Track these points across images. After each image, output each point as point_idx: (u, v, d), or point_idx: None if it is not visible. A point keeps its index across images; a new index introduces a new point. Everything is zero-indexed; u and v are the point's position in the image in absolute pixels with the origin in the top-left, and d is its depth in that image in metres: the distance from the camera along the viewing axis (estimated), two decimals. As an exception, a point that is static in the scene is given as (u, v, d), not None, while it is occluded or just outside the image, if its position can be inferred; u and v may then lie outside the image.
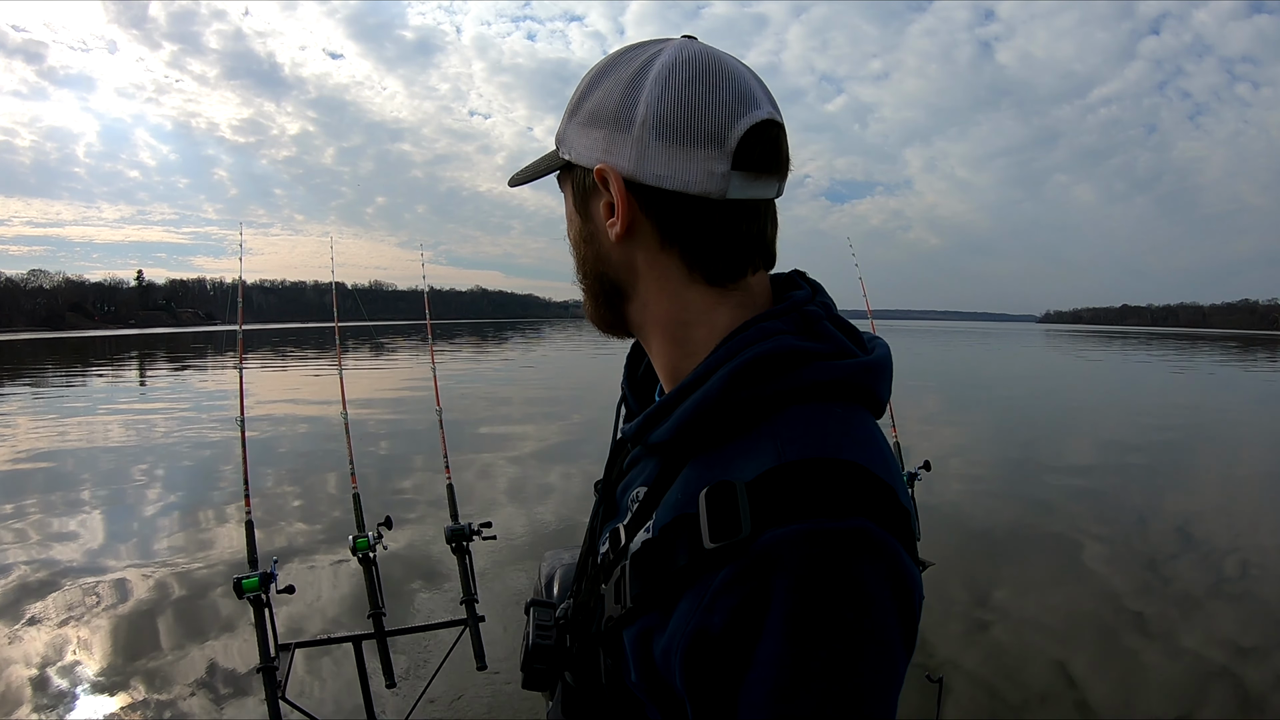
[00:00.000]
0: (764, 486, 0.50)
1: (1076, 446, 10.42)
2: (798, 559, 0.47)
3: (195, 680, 3.53)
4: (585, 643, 0.66)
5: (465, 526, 2.56)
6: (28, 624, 4.19)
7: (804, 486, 0.49)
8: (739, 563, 0.48)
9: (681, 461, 0.59)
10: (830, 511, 0.48)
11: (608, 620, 0.59)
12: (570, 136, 0.63)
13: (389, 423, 10.93)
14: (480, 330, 67.24)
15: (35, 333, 79.76)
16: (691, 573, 0.51)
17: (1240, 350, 47.14)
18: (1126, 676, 3.64)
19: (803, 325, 0.59)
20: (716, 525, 0.50)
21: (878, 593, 0.47)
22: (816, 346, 0.57)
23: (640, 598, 0.56)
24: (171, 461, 8.72)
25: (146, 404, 15.33)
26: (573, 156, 0.62)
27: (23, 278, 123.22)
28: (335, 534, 5.49)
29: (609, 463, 0.74)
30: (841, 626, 0.46)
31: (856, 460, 0.51)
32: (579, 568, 0.74)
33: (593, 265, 0.65)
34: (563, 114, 0.64)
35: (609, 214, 0.60)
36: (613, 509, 0.70)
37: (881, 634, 0.47)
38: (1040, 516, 6.55)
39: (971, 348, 43.57)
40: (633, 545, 0.59)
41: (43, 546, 5.59)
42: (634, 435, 0.64)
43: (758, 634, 0.47)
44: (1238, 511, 7.06)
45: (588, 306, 0.68)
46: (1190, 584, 4.95)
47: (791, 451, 0.51)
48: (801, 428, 0.53)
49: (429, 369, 3.42)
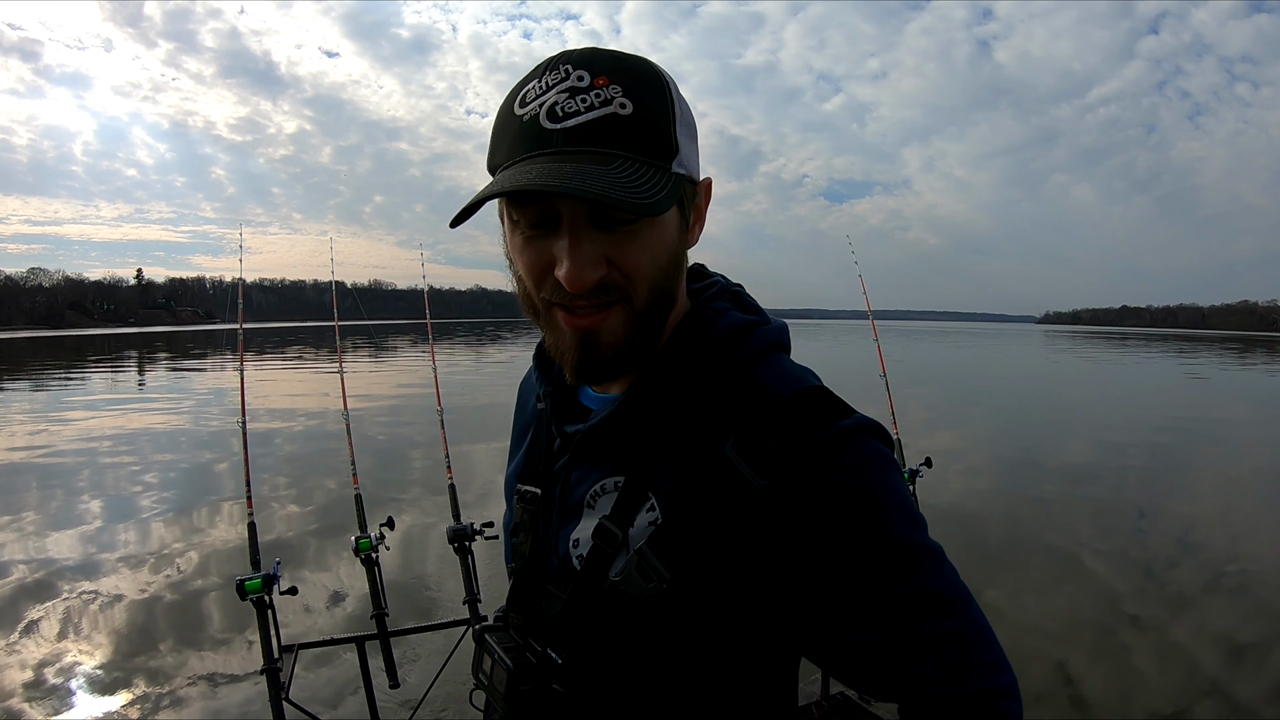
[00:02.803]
0: (779, 419, 0.61)
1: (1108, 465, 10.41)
2: (845, 448, 0.60)
3: (198, 682, 3.54)
4: (594, 639, 0.64)
5: (467, 527, 2.57)
6: (25, 625, 4.19)
7: (814, 406, 0.63)
8: (802, 477, 0.59)
9: (661, 445, 0.64)
10: (841, 413, 0.63)
11: (645, 599, 0.61)
12: (685, 150, 0.61)
13: (390, 423, 10.93)
14: (480, 330, 67.18)
15: (35, 331, 79.71)
16: (748, 514, 0.59)
17: (1246, 352, 47.07)
18: (1123, 675, 3.64)
19: (738, 303, 0.71)
20: (758, 466, 0.59)
21: (886, 448, 0.64)
22: (755, 318, 0.69)
23: (693, 560, 0.60)
24: (171, 461, 8.71)
25: (146, 404, 15.32)
26: (688, 171, 0.62)
27: (22, 276, 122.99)
28: (337, 534, 5.49)
29: (543, 468, 0.73)
30: (896, 476, 0.63)
31: (821, 385, 0.66)
32: (522, 576, 0.72)
33: (675, 287, 0.65)
34: (667, 135, 0.59)
35: (683, 223, 0.64)
36: (559, 510, 0.70)
37: (899, 468, 0.64)
38: (1038, 518, 6.55)
39: (970, 350, 43.52)
40: (633, 533, 0.63)
41: (41, 547, 5.59)
42: (605, 424, 0.66)
43: (860, 501, 0.59)
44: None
45: (631, 339, 0.62)
46: (1186, 584, 4.96)
47: (784, 388, 0.64)
48: (778, 373, 0.66)
49: (429, 368, 3.42)
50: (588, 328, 0.61)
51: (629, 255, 0.59)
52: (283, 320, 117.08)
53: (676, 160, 0.59)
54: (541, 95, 0.58)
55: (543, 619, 0.69)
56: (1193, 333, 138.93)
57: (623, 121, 0.57)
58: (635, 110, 0.57)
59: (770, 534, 0.59)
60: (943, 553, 0.62)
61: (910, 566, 0.60)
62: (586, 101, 0.57)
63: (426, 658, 3.50)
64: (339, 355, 3.51)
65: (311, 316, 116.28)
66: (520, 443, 0.83)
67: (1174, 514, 6.93)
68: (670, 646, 0.62)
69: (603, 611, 0.64)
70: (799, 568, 0.60)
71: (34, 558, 5.31)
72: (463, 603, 2.54)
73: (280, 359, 26.45)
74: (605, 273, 0.59)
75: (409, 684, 2.94)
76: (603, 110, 0.56)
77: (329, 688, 3.37)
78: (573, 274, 0.57)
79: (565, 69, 0.58)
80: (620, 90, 0.57)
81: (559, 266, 0.58)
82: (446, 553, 2.71)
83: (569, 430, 0.70)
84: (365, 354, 27.13)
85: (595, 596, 0.64)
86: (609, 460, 0.67)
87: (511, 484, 0.80)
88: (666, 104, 0.59)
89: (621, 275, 0.59)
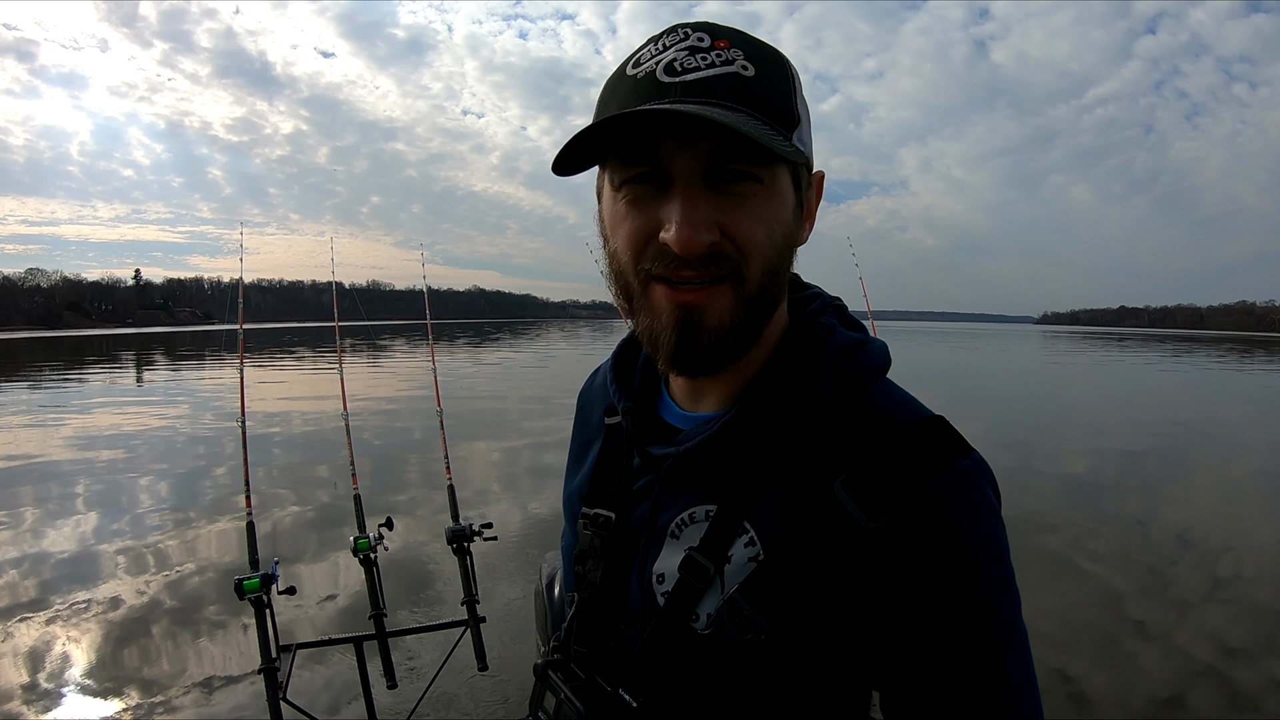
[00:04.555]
0: (895, 455, 0.56)
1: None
2: (962, 493, 0.56)
3: (196, 681, 3.53)
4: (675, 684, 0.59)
5: (466, 527, 2.56)
6: (20, 624, 4.18)
7: (933, 441, 0.57)
8: (912, 520, 0.54)
9: (761, 470, 0.59)
10: (960, 451, 0.57)
11: (739, 651, 0.56)
12: (806, 134, 0.58)
13: (389, 423, 10.92)
14: (480, 330, 67.18)
15: (33, 331, 79.56)
16: (859, 558, 0.55)
17: (1246, 354, 47.14)
18: (1122, 675, 3.64)
19: (843, 320, 0.66)
20: (870, 507, 0.55)
21: (997, 501, 0.59)
22: (861, 336, 0.64)
23: (793, 608, 0.56)
24: (170, 462, 8.68)
25: (144, 404, 15.29)
26: (807, 151, 0.58)
27: (20, 276, 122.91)
28: (336, 535, 5.48)
29: (619, 491, 0.66)
30: (1003, 534, 0.57)
31: (939, 414, 0.60)
32: (589, 608, 0.66)
33: (787, 271, 0.60)
34: (790, 105, 0.56)
35: (798, 207, 0.59)
36: (643, 538, 0.64)
37: (1004, 528, 0.58)
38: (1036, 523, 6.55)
39: (969, 351, 43.59)
40: (730, 569, 0.58)
41: (39, 547, 5.56)
42: (707, 446, 0.60)
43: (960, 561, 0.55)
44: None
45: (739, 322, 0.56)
46: (1187, 587, 4.96)
47: (903, 418, 0.59)
48: (892, 400, 0.61)
49: (429, 368, 3.42)
50: (692, 304, 0.55)
51: (743, 224, 0.54)
52: (281, 321, 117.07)
53: (797, 134, 0.56)
54: (658, 55, 0.54)
55: (613, 656, 0.63)
56: (1191, 333, 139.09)
57: (745, 81, 0.53)
58: (758, 74, 0.54)
59: (875, 579, 0.55)
60: (1027, 638, 0.58)
61: (993, 641, 0.55)
62: (707, 60, 0.53)
63: (425, 658, 3.50)
64: (339, 355, 3.50)
65: (310, 317, 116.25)
66: (582, 458, 0.76)
67: (1172, 510, 6.94)
68: (758, 697, 0.57)
69: (687, 657, 0.58)
70: (893, 614, 0.55)
71: (30, 559, 5.29)
72: (461, 603, 2.53)
73: (279, 360, 26.42)
74: (718, 240, 0.54)
75: (407, 684, 2.93)
76: (724, 69, 0.53)
77: (327, 688, 3.36)
78: (684, 234, 0.52)
79: (685, 31, 0.55)
80: (742, 54, 0.54)
81: (666, 229, 0.53)
82: (445, 553, 2.70)
83: (656, 452, 0.63)
84: (364, 355, 27.12)
85: (679, 639, 0.59)
86: (698, 487, 0.61)
87: (574, 504, 0.73)
88: (789, 77, 0.57)
89: (734, 247, 0.54)
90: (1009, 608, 0.56)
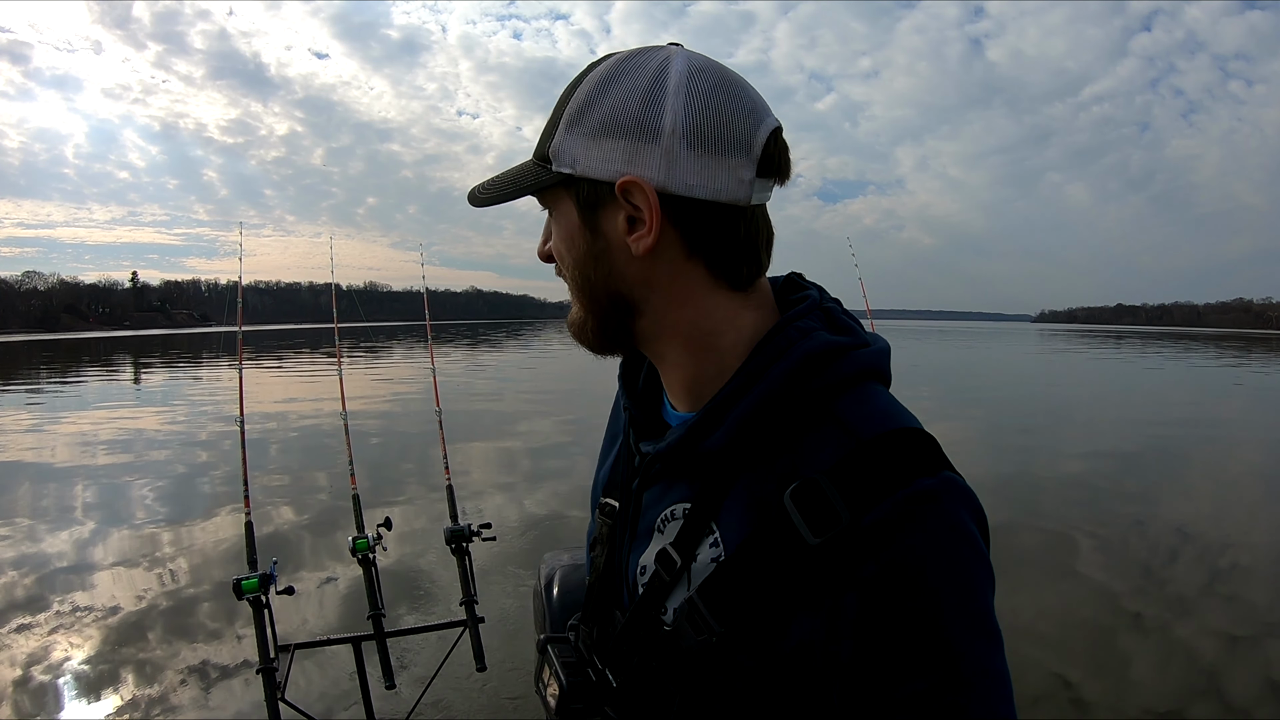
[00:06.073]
0: (850, 468, 0.53)
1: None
2: (921, 515, 0.51)
3: (194, 682, 3.53)
4: (644, 673, 0.63)
5: (465, 528, 2.56)
6: (19, 626, 4.17)
7: (895, 454, 0.54)
8: (858, 540, 0.51)
9: (731, 473, 0.59)
10: (925, 468, 0.53)
11: (694, 650, 0.57)
12: (572, 149, 0.59)
13: (389, 423, 10.91)
14: (479, 331, 67.14)
15: (30, 334, 79.40)
16: (803, 573, 0.53)
17: (1246, 352, 47.19)
18: (1121, 675, 3.65)
19: (829, 322, 0.63)
20: (815, 521, 0.52)
21: (975, 528, 0.54)
22: (846, 340, 0.61)
23: (742, 614, 0.55)
24: (169, 462, 8.68)
25: (143, 404, 15.27)
26: (579, 170, 0.59)
27: (17, 279, 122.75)
28: (335, 535, 5.48)
29: (623, 483, 0.71)
30: (975, 562, 0.52)
31: (915, 425, 0.57)
32: (594, 591, 0.71)
33: (604, 283, 0.62)
34: (553, 126, 0.60)
35: (630, 228, 0.59)
36: (631, 529, 0.68)
37: (985, 558, 0.54)
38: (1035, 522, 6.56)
39: (969, 351, 43.61)
40: (696, 566, 0.59)
41: (37, 548, 5.56)
42: (676, 448, 0.62)
43: (912, 590, 0.50)
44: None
45: (587, 326, 0.64)
46: (1186, 584, 4.97)
47: (867, 430, 0.55)
48: (864, 409, 0.57)
49: (428, 369, 3.42)
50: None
51: (554, 240, 0.65)
52: (279, 323, 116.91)
53: (560, 161, 0.60)
54: None
55: (606, 638, 0.68)
56: (1188, 330, 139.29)
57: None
58: (548, 123, 0.62)
59: (821, 596, 0.53)
60: (1005, 679, 0.51)
61: (951, 678, 0.49)
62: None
63: (423, 659, 3.50)
64: (338, 356, 3.50)
65: (308, 319, 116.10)
66: (609, 449, 0.80)
67: (1169, 504, 6.95)
68: (720, 699, 0.58)
69: (655, 649, 0.62)
70: (838, 639, 0.52)
71: (28, 559, 5.28)
72: (459, 604, 2.53)
73: (278, 360, 26.39)
74: (548, 251, 0.66)
75: (405, 685, 2.93)
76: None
77: (325, 688, 3.36)
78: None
79: None
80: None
81: None
82: (444, 553, 2.70)
83: (644, 449, 0.66)
84: (362, 355, 27.09)
85: (649, 630, 0.62)
86: (682, 484, 0.64)
87: (597, 492, 0.78)
88: (563, 106, 0.60)
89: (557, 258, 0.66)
90: (975, 645, 0.51)
